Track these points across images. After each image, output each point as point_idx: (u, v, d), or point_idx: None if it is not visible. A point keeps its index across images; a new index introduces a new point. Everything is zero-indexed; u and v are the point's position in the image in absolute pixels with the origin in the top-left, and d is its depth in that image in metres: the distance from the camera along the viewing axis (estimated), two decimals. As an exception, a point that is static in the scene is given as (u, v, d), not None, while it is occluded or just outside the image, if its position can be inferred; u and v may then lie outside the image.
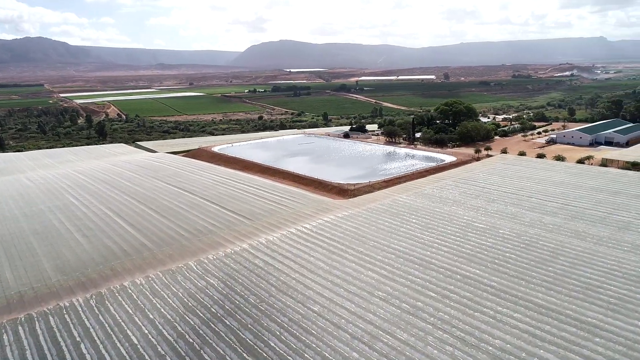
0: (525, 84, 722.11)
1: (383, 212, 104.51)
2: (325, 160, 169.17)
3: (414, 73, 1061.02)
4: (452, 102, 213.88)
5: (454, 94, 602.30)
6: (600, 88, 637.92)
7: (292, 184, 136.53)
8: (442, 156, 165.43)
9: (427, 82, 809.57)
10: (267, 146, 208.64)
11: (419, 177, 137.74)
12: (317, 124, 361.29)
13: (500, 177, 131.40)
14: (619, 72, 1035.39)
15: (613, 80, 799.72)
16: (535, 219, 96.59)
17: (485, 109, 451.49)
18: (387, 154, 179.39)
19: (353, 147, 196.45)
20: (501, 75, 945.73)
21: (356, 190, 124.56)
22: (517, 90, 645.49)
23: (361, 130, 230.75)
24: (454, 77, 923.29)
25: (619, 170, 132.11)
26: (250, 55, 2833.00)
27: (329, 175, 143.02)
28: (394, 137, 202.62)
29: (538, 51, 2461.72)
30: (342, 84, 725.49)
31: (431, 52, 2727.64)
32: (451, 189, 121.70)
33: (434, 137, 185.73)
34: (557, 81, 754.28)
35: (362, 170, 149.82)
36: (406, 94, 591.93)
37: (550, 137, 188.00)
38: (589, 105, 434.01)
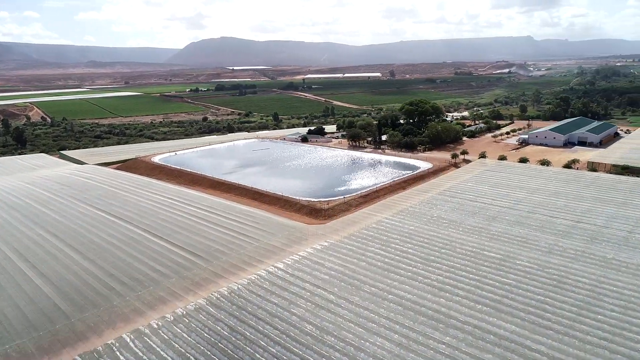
0: (468, 81, 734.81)
1: (371, 240, 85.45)
2: (286, 171, 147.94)
3: (360, 70, 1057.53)
4: (417, 101, 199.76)
5: (403, 91, 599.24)
6: (538, 84, 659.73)
7: (252, 203, 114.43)
8: (416, 162, 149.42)
9: (373, 80, 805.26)
10: (216, 154, 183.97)
11: (399, 190, 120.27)
12: (268, 125, 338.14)
13: (489, 186, 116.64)
14: (549, 69, 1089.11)
15: (547, 77, 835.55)
16: (551, 242, 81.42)
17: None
18: (354, 160, 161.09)
19: (314, 153, 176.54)
20: (444, 72, 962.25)
21: (331, 210, 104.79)
22: (462, 87, 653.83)
23: (320, 133, 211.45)
24: (399, 75, 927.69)
25: (612, 176, 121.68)
26: (190, 53, 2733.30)
27: (295, 190, 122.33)
28: (358, 141, 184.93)
29: (473, 49, 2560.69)
30: (290, 82, 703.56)
31: (373, 49, 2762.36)
32: (440, 204, 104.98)
33: (403, 140, 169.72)
34: (498, 78, 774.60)
35: (332, 182, 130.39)
36: (355, 92, 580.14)
37: (521, 138, 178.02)
38: (535, 102, 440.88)
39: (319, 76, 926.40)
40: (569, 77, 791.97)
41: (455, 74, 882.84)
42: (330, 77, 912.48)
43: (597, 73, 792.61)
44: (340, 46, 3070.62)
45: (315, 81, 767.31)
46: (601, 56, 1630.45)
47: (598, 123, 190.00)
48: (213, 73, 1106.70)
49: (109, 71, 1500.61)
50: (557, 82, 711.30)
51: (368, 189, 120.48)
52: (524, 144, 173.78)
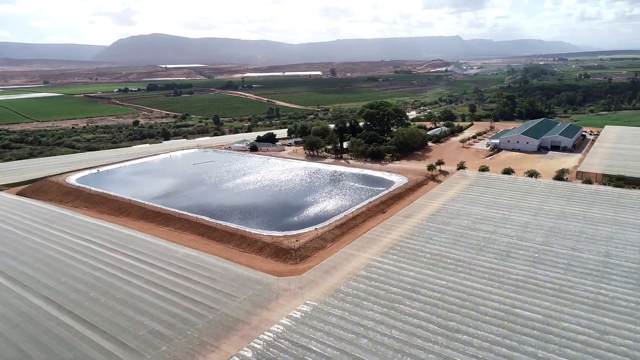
0: (409, 79, 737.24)
1: (365, 300, 63.96)
2: (238, 192, 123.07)
3: (300, 69, 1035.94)
4: (377, 103, 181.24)
5: (347, 90, 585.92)
6: (474, 82, 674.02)
7: (198, 241, 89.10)
8: (388, 176, 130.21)
9: (315, 78, 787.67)
10: (149, 170, 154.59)
11: (378, 214, 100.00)
12: (208, 129, 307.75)
13: (483, 207, 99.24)
14: (480, 68, 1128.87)
15: (480, 75, 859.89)
16: (592, 290, 64.43)
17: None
18: (316, 175, 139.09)
19: (268, 166, 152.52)
20: (383, 70, 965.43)
21: (303, 249, 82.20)
22: (404, 85, 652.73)
23: (271, 140, 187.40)
24: (341, 73, 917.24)
25: (611, 189, 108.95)
26: (119, 50, 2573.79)
27: (252, 219, 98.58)
28: (316, 150, 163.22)
29: (407, 48, 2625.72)
30: (229, 81, 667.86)
31: (311, 48, 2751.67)
32: (435, 235, 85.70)
33: (369, 149, 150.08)
34: (437, 76, 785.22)
35: (296, 206, 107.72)
36: (298, 91, 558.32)
37: (492, 143, 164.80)
38: (479, 101, 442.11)
39: (258, 75, 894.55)
40: (501, 76, 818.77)
41: (396, 73, 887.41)
42: (271, 75, 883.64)
43: (526, 72, 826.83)
44: (278, 44, 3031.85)
45: (255, 80, 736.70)
46: (523, 55, 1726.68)
47: (564, 125, 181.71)
48: (144, 71, 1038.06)
49: (25, 69, 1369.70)
50: (491, 80, 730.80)
51: (342, 214, 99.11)
52: (495, 150, 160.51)
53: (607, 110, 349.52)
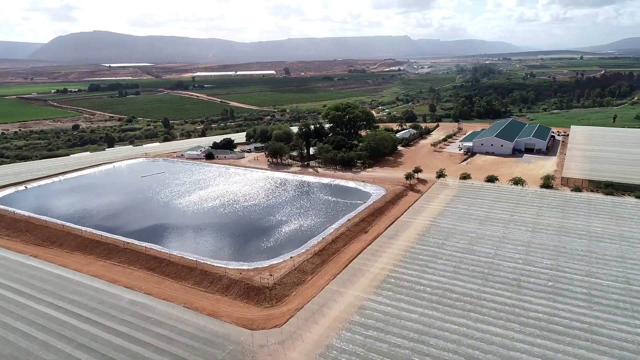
0: (364, 78, 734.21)
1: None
2: (194, 210, 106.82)
3: (253, 68, 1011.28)
4: (344, 106, 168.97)
5: (302, 89, 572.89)
6: (427, 81, 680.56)
7: (148, 279, 72.93)
8: (363, 186, 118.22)
9: (269, 78, 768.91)
10: (89, 185, 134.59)
11: (360, 234, 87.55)
12: (157, 133, 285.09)
13: (475, 224, 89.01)
14: (431, 67, 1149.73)
15: (432, 75, 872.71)
16: (627, 330, 54.71)
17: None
18: (283, 186, 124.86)
19: (228, 176, 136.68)
20: (337, 70, 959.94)
21: (279, 286, 68.16)
22: (360, 84, 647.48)
23: (229, 146, 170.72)
24: (295, 72, 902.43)
25: (604, 197, 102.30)
26: (58, 48, 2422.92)
27: (214, 246, 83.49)
28: (280, 157, 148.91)
29: (358, 47, 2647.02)
30: (179, 81, 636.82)
31: (262, 47, 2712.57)
32: (432, 263, 74.15)
33: (339, 156, 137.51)
34: (391, 75, 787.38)
35: (265, 227, 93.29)
36: (253, 91, 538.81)
37: (465, 146, 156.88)
38: (436, 100, 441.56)
39: (210, 74, 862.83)
40: (451, 75, 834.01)
41: (350, 72, 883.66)
42: (222, 74, 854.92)
43: (475, 71, 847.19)
44: (228, 43, 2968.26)
45: (206, 79, 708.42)
46: (468, 55, 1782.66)
47: (534, 126, 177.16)
48: (86, 71, 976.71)
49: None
50: (443, 79, 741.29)
51: (319, 236, 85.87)
52: (469, 154, 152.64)
53: (559, 108, 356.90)
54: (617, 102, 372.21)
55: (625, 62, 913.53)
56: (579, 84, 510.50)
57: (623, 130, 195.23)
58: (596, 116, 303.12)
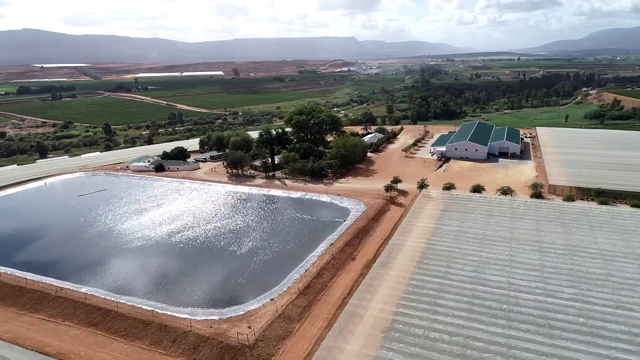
0: (315, 79, 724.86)
1: None
2: (145, 239, 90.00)
3: (199, 69, 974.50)
4: (308, 109, 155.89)
5: (254, 90, 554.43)
6: (378, 82, 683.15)
7: (90, 338, 56.65)
8: (339, 201, 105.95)
9: (217, 79, 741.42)
10: (12, 210, 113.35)
11: (350, 264, 75.06)
12: (97, 140, 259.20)
13: (475, 245, 78.88)
14: (379, 67, 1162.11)
15: (381, 75, 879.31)
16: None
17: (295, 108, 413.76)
18: (248, 204, 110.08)
19: (183, 193, 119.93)
20: (287, 70, 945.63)
21: (262, 343, 54.24)
22: (312, 85, 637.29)
23: (182, 156, 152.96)
24: (244, 73, 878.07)
25: (601, 207, 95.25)
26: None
27: (171, 288, 67.97)
28: (241, 167, 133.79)
29: (305, 47, 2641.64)
30: (120, 83, 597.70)
31: (207, 47, 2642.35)
32: (441, 299, 62.84)
33: (308, 166, 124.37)
34: (342, 76, 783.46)
35: (233, 258, 78.60)
36: (201, 93, 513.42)
37: (437, 151, 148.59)
38: (390, 101, 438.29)
39: (154, 75, 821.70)
40: (400, 75, 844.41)
41: (300, 72, 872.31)
42: (168, 75, 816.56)
43: (423, 71, 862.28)
44: (172, 42, 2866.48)
45: (150, 81, 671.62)
46: (413, 56, 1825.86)
47: (503, 129, 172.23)
48: (15, 72, 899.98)
49: None
50: (393, 79, 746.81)
51: (301, 267, 72.71)
52: (443, 159, 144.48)
53: (511, 108, 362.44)
54: (563, 102, 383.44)
55: (559, 63, 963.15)
56: (523, 84, 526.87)
57: (588, 131, 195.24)
58: (548, 116, 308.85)
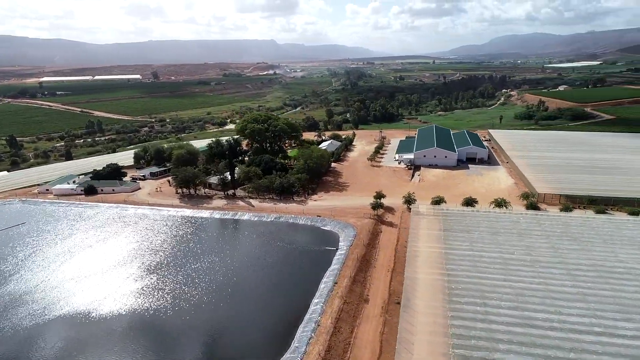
0: (242, 82, 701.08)
1: None
2: (87, 303, 69.86)
3: (113, 72, 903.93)
4: (265, 117, 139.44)
5: (179, 94, 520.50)
6: (305, 84, 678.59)
7: None
8: (322, 224, 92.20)
9: (135, 83, 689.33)
10: None
11: (365, 309, 61.77)
12: (1, 156, 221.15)
13: (501, 273, 69.06)
14: (303, 70, 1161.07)
15: (307, 78, 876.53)
16: None
17: (228, 113, 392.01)
18: (213, 232, 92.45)
19: (126, 223, 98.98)
20: (211, 73, 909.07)
21: None
22: (239, 88, 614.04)
23: (117, 175, 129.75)
24: (164, 76, 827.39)
25: (602, 217, 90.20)
26: None
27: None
28: (194, 187, 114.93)
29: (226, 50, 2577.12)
30: (22, 88, 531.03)
31: (120, 49, 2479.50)
32: (495, 347, 51.60)
33: (276, 182, 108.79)
34: (269, 79, 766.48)
35: (219, 316, 61.89)
36: (120, 98, 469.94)
37: (405, 159, 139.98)
38: (323, 104, 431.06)
39: (61, 79, 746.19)
40: (326, 78, 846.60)
41: (225, 76, 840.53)
42: (78, 79, 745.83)
43: (348, 74, 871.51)
44: (79, 44, 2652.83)
45: (58, 85, 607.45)
46: (333, 59, 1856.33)
47: (463, 133, 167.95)
48: None
49: None
50: (321, 82, 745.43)
51: (309, 320, 58.21)
52: (411, 167, 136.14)
53: (444, 110, 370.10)
54: (489, 103, 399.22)
55: (470, 66, 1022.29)
56: (447, 86, 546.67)
57: (539, 133, 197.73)
58: (480, 117, 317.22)
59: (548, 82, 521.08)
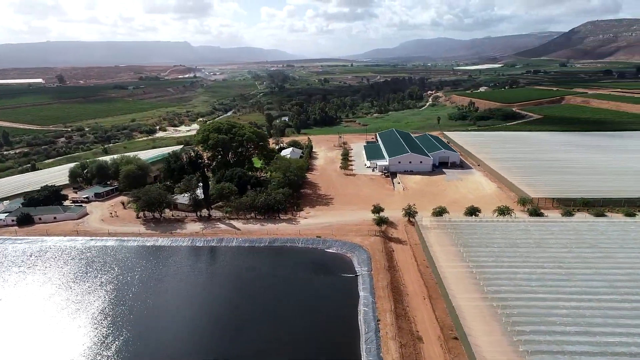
0: (161, 86, 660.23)
1: None
2: None
3: (9, 75, 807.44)
4: (228, 126, 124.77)
5: (93, 100, 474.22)
6: (229, 87, 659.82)
7: None
8: (323, 245, 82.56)
9: (38, 87, 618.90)
10: None
11: (426, 350, 53.51)
12: None
13: (552, 291, 64.14)
14: (222, 73, 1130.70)
15: (230, 81, 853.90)
16: None
17: (154, 120, 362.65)
18: (202, 268, 78.57)
19: (87, 262, 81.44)
20: (124, 77, 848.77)
21: None
22: (161, 93, 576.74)
23: (57, 199, 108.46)
24: (71, 80, 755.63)
25: (602, 220, 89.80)
26: None
27: None
28: (159, 209, 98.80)
29: (135, 52, 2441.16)
30: None
31: (12, 50, 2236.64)
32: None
33: (260, 198, 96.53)
34: (191, 82, 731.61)
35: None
36: (23, 105, 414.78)
37: (380, 166, 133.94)
38: (256, 107, 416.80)
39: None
40: (249, 81, 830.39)
41: (141, 79, 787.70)
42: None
43: (272, 77, 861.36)
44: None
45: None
46: (252, 61, 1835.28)
47: (427, 137, 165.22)
48: None
49: None
50: (246, 85, 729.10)
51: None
52: (387, 173, 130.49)
53: (379, 112, 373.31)
54: (419, 105, 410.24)
55: (387, 69, 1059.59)
56: (373, 88, 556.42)
57: (491, 134, 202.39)
58: (417, 118, 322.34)
59: (464, 84, 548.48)
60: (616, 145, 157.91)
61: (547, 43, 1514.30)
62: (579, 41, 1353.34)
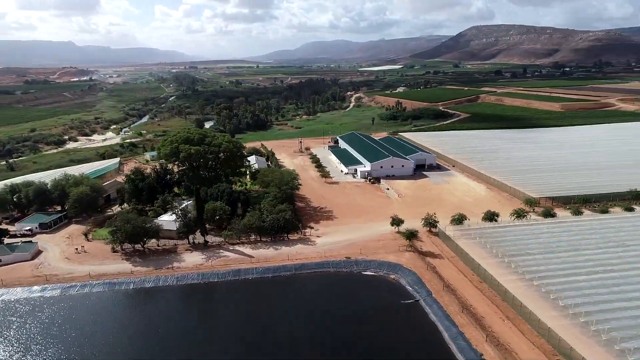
0: (54, 90, 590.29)
1: None
2: None
3: None
4: (200, 135, 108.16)
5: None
6: (134, 91, 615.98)
7: None
8: (360, 267, 73.92)
9: None
10: None
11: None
12: None
13: (623, 304, 62.29)
14: (120, 75, 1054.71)
15: (132, 84, 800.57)
16: None
17: (60, 129, 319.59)
18: (222, 314, 65.41)
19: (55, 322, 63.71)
20: (5, 80, 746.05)
21: None
22: (57, 98, 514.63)
23: None
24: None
25: (609, 217, 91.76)
26: None
27: None
28: (142, 241, 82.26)
29: (9, 53, 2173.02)
30: None
31: None
32: None
33: (268, 218, 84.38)
34: (89, 86, 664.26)
35: None
36: None
37: (361, 172, 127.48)
38: (175, 114, 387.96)
39: None
40: (153, 84, 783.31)
41: (27, 83, 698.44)
42: None
43: (178, 79, 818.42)
44: None
45: None
46: (148, 63, 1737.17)
47: (394, 140, 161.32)
48: None
49: None
50: (152, 88, 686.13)
51: None
52: (371, 179, 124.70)
53: (308, 114, 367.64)
54: (344, 105, 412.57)
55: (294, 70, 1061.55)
56: (292, 90, 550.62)
57: (445, 133, 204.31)
58: (349, 119, 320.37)
59: (375, 84, 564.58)
60: (563, 141, 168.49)
61: (439, 46, 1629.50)
62: (466, 44, 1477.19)
